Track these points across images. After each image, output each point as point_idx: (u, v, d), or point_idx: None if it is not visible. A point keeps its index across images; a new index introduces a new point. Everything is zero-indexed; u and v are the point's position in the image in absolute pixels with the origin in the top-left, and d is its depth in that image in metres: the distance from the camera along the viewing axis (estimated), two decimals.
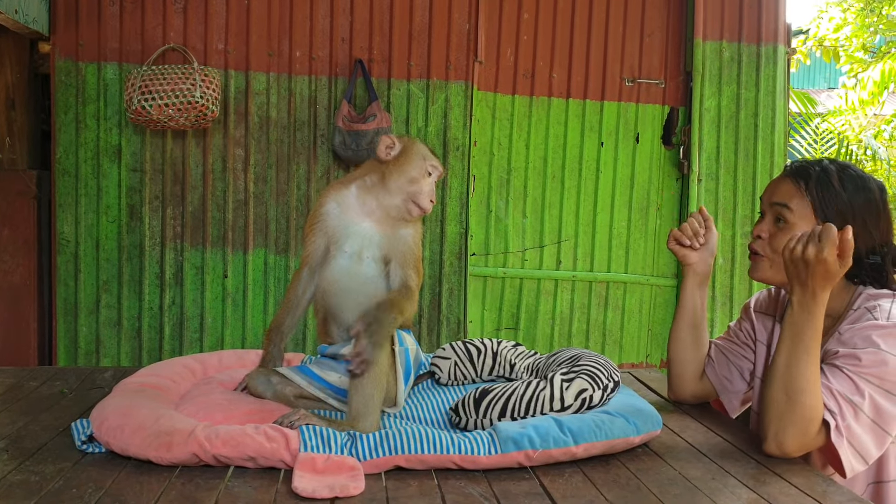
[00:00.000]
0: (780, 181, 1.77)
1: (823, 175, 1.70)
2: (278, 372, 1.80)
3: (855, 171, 1.72)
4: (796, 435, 1.53)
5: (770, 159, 3.87)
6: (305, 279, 1.85)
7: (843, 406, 1.52)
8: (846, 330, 1.61)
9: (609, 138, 3.86)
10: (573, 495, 1.38)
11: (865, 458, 1.53)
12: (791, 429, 1.53)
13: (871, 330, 1.56)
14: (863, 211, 1.67)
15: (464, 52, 3.67)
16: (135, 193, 3.54)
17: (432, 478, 1.45)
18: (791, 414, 1.53)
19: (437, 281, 3.70)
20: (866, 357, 1.54)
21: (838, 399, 1.53)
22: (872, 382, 1.52)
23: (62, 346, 3.53)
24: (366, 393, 1.58)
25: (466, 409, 1.66)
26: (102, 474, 1.41)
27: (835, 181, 1.69)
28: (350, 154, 3.48)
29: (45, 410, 1.80)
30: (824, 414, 1.52)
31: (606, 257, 3.89)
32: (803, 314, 1.54)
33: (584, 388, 1.67)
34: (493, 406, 1.64)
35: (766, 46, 3.86)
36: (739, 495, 1.40)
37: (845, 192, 1.68)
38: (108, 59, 3.50)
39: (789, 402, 1.53)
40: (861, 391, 1.53)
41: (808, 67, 11.43)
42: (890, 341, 1.54)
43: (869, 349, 1.54)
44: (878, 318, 1.58)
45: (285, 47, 3.60)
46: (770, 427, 1.57)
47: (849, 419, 1.52)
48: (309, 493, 1.33)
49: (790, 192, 1.72)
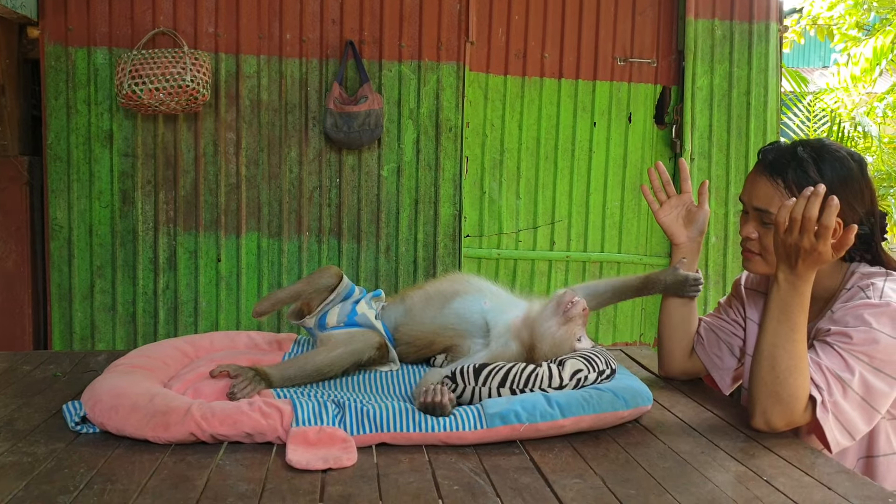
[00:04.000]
0: (756, 180, 1.73)
1: (800, 169, 1.66)
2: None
3: (830, 153, 1.68)
4: (783, 412, 1.54)
5: (763, 137, 3.87)
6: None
7: (832, 382, 1.53)
8: (839, 309, 1.61)
9: (601, 118, 3.85)
10: (563, 469, 1.39)
11: (852, 433, 1.54)
12: (778, 406, 1.54)
13: (863, 308, 1.57)
14: (845, 192, 1.64)
15: (455, 33, 3.66)
16: (127, 178, 3.54)
17: (423, 453, 1.46)
18: (778, 391, 1.54)
19: (432, 263, 3.71)
20: (857, 335, 1.54)
21: (827, 375, 1.54)
22: (862, 360, 1.53)
23: (57, 332, 3.53)
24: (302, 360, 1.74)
25: (465, 377, 1.64)
26: (94, 454, 1.42)
27: (812, 171, 1.65)
28: (342, 136, 3.47)
29: (39, 393, 1.81)
30: (811, 390, 1.53)
31: (600, 237, 3.89)
32: (791, 292, 1.55)
33: (579, 368, 1.68)
34: (493, 376, 1.64)
35: (758, 24, 3.85)
36: (728, 468, 1.42)
37: (824, 179, 1.63)
38: (97, 43, 3.49)
39: (776, 380, 1.54)
40: (851, 368, 1.53)
41: (802, 46, 11.40)
42: (882, 320, 1.55)
43: (861, 327, 1.55)
44: (870, 297, 1.59)
45: (275, 30, 3.58)
46: (757, 404, 1.58)
47: (836, 395, 1.53)
48: (303, 465, 1.35)
49: (769, 194, 1.69)
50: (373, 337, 1.86)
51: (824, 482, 1.35)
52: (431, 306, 1.92)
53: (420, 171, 3.68)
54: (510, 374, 1.64)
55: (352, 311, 1.89)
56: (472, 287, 1.93)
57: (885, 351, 1.53)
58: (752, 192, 1.73)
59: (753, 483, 1.34)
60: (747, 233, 1.76)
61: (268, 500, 1.24)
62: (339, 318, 1.88)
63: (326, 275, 1.92)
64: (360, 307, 1.91)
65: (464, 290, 1.92)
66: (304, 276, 3.62)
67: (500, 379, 1.64)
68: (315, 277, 1.92)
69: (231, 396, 1.58)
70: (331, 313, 1.89)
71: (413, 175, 3.68)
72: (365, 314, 1.90)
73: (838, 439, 1.53)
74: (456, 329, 1.87)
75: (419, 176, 3.68)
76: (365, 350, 1.82)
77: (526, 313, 1.82)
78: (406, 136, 3.66)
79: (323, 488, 1.29)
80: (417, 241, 3.70)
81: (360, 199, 3.65)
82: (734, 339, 1.94)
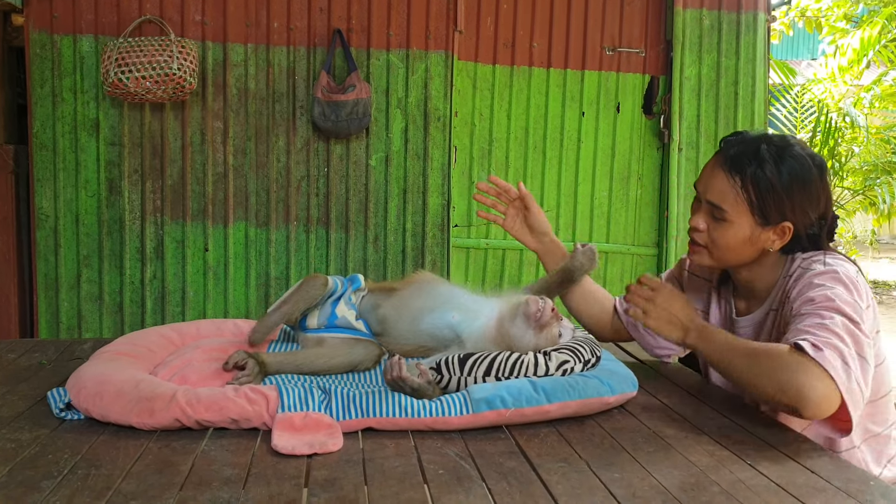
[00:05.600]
0: (714, 172, 1.70)
1: (759, 171, 1.64)
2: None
3: (792, 154, 1.65)
4: (804, 390, 1.41)
5: (750, 127, 3.88)
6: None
7: (813, 331, 1.48)
8: (794, 294, 1.61)
9: (590, 108, 3.86)
10: (548, 454, 1.40)
11: (847, 361, 1.43)
12: (797, 392, 1.42)
13: (812, 278, 1.60)
14: (801, 198, 1.64)
15: (443, 22, 3.65)
16: (114, 167, 3.52)
17: (409, 438, 1.46)
18: (784, 388, 1.45)
19: (420, 253, 3.71)
20: (817, 294, 1.55)
21: (809, 330, 1.48)
22: (831, 307, 1.51)
23: (44, 321, 3.52)
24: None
25: (451, 367, 1.64)
26: (79, 440, 1.42)
27: (770, 173, 1.63)
28: (329, 125, 3.46)
29: (24, 381, 1.80)
30: (797, 342, 1.45)
31: (588, 227, 3.90)
32: (708, 343, 1.61)
33: (565, 359, 1.68)
34: (478, 365, 1.64)
35: (746, 14, 3.86)
36: (712, 452, 1.42)
37: (781, 181, 1.63)
38: (83, 31, 3.46)
39: (771, 383, 1.46)
40: (824, 315, 1.50)
41: (790, 39, 11.43)
42: (831, 281, 1.57)
43: (817, 291, 1.56)
44: (816, 269, 1.62)
45: (263, 18, 3.56)
46: (792, 404, 1.45)
47: (821, 335, 1.46)
48: (289, 450, 1.35)
49: (724, 191, 1.67)
50: (374, 350, 1.85)
51: (807, 466, 1.36)
52: (403, 320, 1.89)
53: (408, 161, 3.67)
54: (495, 362, 1.64)
55: (332, 315, 1.87)
56: (438, 300, 1.89)
57: (843, 299, 1.53)
58: (709, 184, 1.72)
59: (737, 466, 1.35)
60: (696, 223, 1.74)
61: (253, 484, 1.24)
62: (320, 322, 1.86)
63: (314, 287, 1.87)
64: (339, 309, 1.87)
65: (430, 305, 1.87)
66: (293, 272, 3.62)
67: (485, 368, 1.64)
68: (303, 292, 1.86)
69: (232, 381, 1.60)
70: (311, 316, 1.88)
71: (401, 164, 3.67)
72: (345, 316, 1.88)
73: (840, 372, 1.42)
74: (430, 345, 1.86)
75: (407, 165, 3.68)
76: (364, 362, 1.82)
77: (498, 320, 1.78)
78: (394, 126, 3.65)
79: (308, 473, 1.29)
80: (406, 230, 3.69)
81: (349, 189, 3.65)
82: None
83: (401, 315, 1.91)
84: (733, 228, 1.68)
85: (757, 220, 1.67)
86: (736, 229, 1.68)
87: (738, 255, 1.73)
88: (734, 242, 1.70)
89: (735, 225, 1.68)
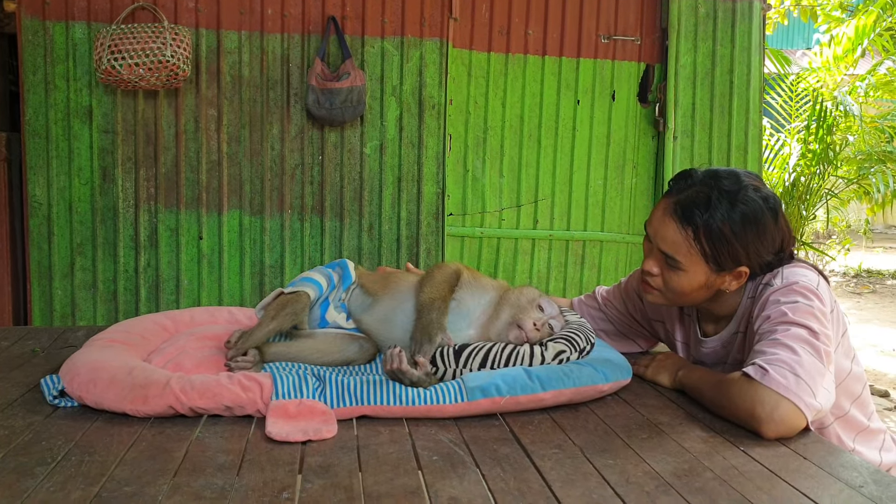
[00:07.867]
0: (665, 221, 1.67)
1: (710, 220, 1.61)
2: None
3: (745, 200, 1.62)
4: (753, 415, 1.45)
5: (745, 115, 3.88)
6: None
7: (767, 350, 1.49)
8: (755, 314, 1.63)
9: (585, 96, 3.85)
10: (542, 440, 1.40)
11: (796, 371, 1.44)
12: (766, 415, 1.44)
13: (770, 295, 1.61)
14: (755, 244, 1.64)
15: (438, 9, 3.64)
16: (107, 155, 3.50)
17: (403, 425, 1.46)
18: (741, 419, 1.49)
19: (415, 241, 3.70)
20: (773, 312, 1.57)
21: (762, 349, 1.51)
22: (784, 322, 1.53)
23: (37, 310, 3.51)
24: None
25: (446, 360, 1.64)
26: (73, 427, 1.42)
27: (722, 222, 1.61)
28: (324, 113, 3.45)
29: (17, 368, 1.80)
30: (744, 370, 1.49)
31: (583, 216, 3.90)
32: (688, 381, 1.70)
33: (561, 349, 1.68)
34: (473, 357, 1.64)
35: (742, 2, 3.85)
36: (706, 439, 1.43)
37: (734, 229, 1.61)
38: (75, 17, 3.44)
39: (734, 416, 1.50)
40: (777, 332, 1.52)
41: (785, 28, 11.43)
42: (788, 294, 1.58)
43: (773, 308, 1.58)
44: (774, 285, 1.63)
45: (257, 5, 3.54)
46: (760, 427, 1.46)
47: (771, 355, 1.48)
48: (283, 437, 1.35)
49: (677, 242, 1.65)
50: (370, 348, 1.84)
51: (800, 452, 1.37)
52: (387, 329, 1.85)
53: (403, 149, 3.66)
54: (490, 354, 1.64)
55: (321, 321, 1.84)
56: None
57: (801, 310, 1.54)
58: (660, 233, 1.69)
59: (730, 453, 1.36)
60: (649, 268, 1.73)
61: (247, 470, 1.24)
62: (311, 326, 1.85)
63: (297, 306, 1.78)
64: (329, 315, 1.84)
65: (409, 318, 1.80)
66: (287, 260, 3.61)
67: (480, 360, 1.64)
68: (288, 310, 1.76)
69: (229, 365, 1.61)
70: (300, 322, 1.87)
71: (396, 153, 3.66)
72: (336, 321, 1.85)
73: (790, 385, 1.43)
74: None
75: (402, 153, 3.67)
76: (358, 359, 1.81)
77: (496, 309, 1.78)
78: (389, 113, 3.64)
79: (302, 459, 1.29)
80: (401, 219, 3.69)
81: (343, 177, 3.64)
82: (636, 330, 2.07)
83: (383, 324, 1.85)
84: (688, 276, 1.67)
85: (712, 268, 1.66)
86: (691, 277, 1.67)
87: (693, 298, 1.73)
88: (689, 288, 1.69)
89: (690, 273, 1.67)
